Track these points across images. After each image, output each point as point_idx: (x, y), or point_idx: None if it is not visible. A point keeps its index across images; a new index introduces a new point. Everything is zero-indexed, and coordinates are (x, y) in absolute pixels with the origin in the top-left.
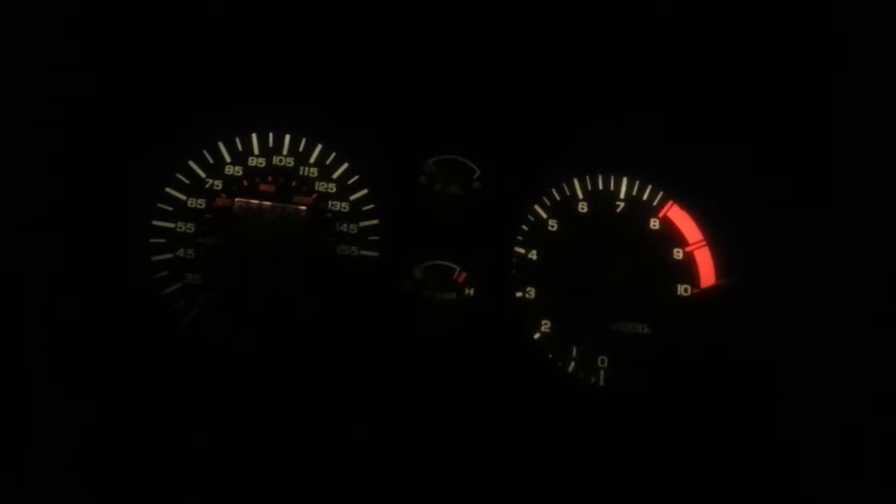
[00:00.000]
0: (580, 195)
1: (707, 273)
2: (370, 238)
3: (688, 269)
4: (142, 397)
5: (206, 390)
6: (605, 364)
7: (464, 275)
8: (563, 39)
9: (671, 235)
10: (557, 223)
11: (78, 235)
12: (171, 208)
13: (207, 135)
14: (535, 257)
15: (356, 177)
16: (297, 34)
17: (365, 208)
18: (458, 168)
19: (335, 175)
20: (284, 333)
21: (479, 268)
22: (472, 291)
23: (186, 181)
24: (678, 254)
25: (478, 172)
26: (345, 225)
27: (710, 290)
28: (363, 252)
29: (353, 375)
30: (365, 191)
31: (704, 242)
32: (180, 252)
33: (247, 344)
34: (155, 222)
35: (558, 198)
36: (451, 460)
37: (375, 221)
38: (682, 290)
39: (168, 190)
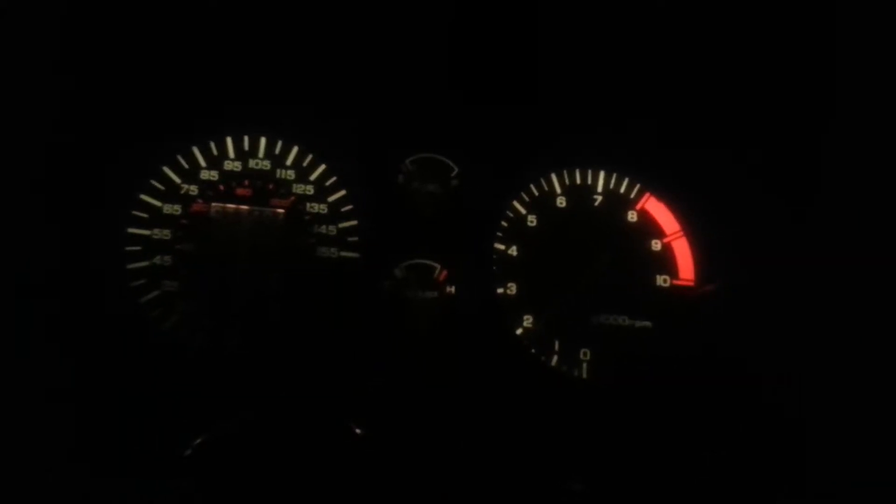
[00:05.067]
0: (558, 190)
1: (685, 263)
2: (350, 239)
3: (666, 260)
4: (124, 407)
5: (188, 397)
6: (588, 357)
7: (444, 273)
8: (536, 34)
9: (649, 227)
10: (536, 218)
11: (53, 244)
12: (146, 215)
13: (181, 139)
14: (515, 253)
15: (334, 178)
16: (269, 36)
17: (343, 209)
18: (435, 166)
19: (312, 177)
20: (266, 338)
21: (460, 265)
22: (453, 289)
23: (161, 187)
24: (656, 245)
25: (456, 170)
26: (324, 227)
27: (695, 290)
28: (343, 253)
29: (337, 377)
30: (343, 192)
31: (682, 233)
32: (157, 259)
33: (228, 349)
34: (130, 230)
35: (537, 193)
36: (438, 457)
37: (354, 222)
38: (662, 280)
39: (143, 197)
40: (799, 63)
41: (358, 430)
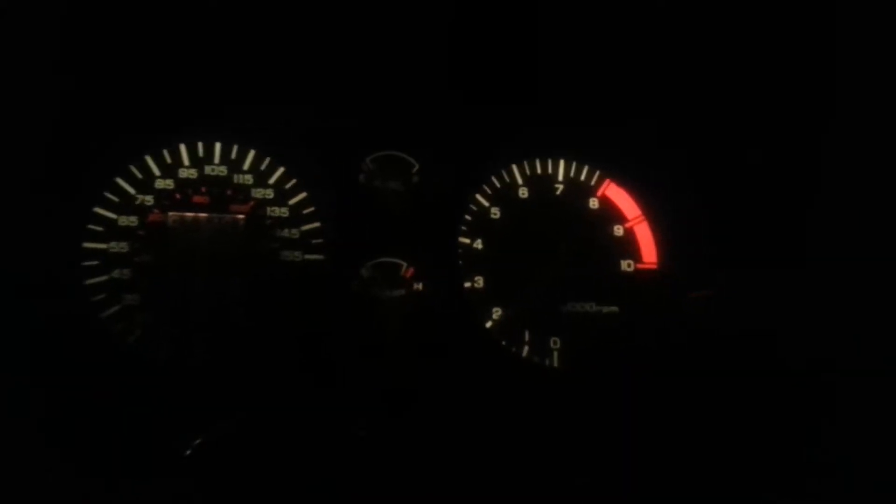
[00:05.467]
0: (520, 181)
1: (648, 247)
2: (314, 241)
3: (629, 245)
4: (91, 424)
5: (156, 411)
6: (559, 345)
7: (411, 270)
8: (487, 26)
9: (611, 213)
10: (500, 210)
11: (12, 261)
12: (101, 228)
13: (133, 149)
14: (480, 246)
15: (294, 180)
16: (219, 39)
17: (305, 212)
18: (396, 163)
19: (271, 180)
20: (233, 346)
21: (426, 262)
22: (420, 286)
23: (116, 199)
24: (619, 230)
25: (416, 166)
26: (286, 230)
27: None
28: (307, 256)
29: (309, 381)
30: (304, 194)
31: (643, 217)
32: (115, 273)
33: (194, 360)
34: (86, 244)
35: (498, 185)
36: (414, 454)
37: (317, 224)
38: (626, 265)
39: (97, 210)
40: (781, 55)
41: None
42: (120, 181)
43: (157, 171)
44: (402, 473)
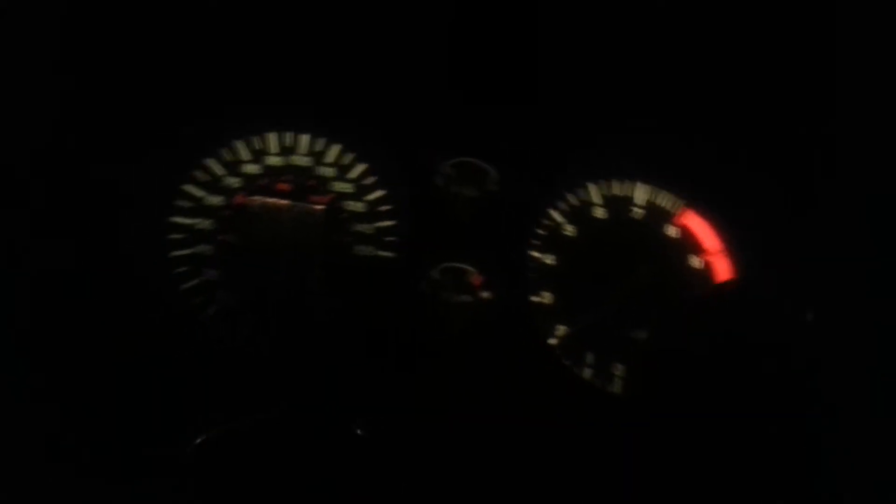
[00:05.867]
0: (597, 200)
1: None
2: (387, 239)
3: (705, 278)
4: (159, 391)
5: (223, 386)
6: (621, 372)
7: (480, 278)
8: (583, 43)
9: (689, 243)
10: (574, 228)
11: (97, 231)
12: (189, 205)
13: (225, 134)
14: (551, 262)
15: (373, 177)
16: (317, 34)
17: (382, 209)
18: (475, 170)
19: (352, 175)
20: (300, 332)
21: (496, 271)
22: (487, 294)
23: (205, 178)
24: (696, 261)
25: (494, 175)
26: (361, 225)
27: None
28: (379, 252)
29: (367, 375)
30: (382, 191)
31: (723, 251)
32: (199, 248)
33: (263, 341)
34: (173, 219)
35: (575, 203)
36: (463, 462)
37: (392, 222)
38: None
39: (186, 187)
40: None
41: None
42: (210, 162)
43: (246, 156)
44: (444, 482)
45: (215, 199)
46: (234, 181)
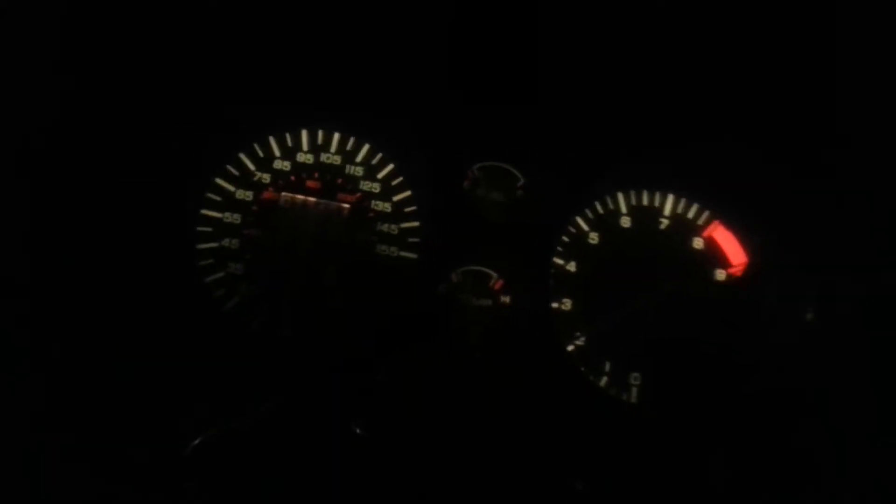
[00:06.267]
0: (623, 210)
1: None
2: (410, 240)
3: (729, 291)
4: (179, 380)
5: (242, 378)
6: (639, 381)
7: (501, 282)
8: (613, 52)
9: (714, 256)
10: (599, 236)
11: (128, 221)
12: (219, 198)
13: (259, 128)
14: (573, 269)
15: (400, 178)
16: (353, 36)
17: (407, 210)
18: (502, 175)
19: (380, 175)
20: (321, 328)
21: (517, 276)
22: (507, 299)
23: (236, 173)
24: (721, 275)
25: (522, 181)
26: (386, 225)
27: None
28: (402, 253)
29: (385, 374)
30: (408, 192)
31: (749, 265)
32: (225, 242)
33: (283, 336)
34: (203, 211)
35: (601, 211)
36: (478, 465)
37: (416, 223)
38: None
39: (218, 180)
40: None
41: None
42: (242, 156)
43: (277, 152)
44: (460, 482)
45: (245, 194)
46: (264, 176)
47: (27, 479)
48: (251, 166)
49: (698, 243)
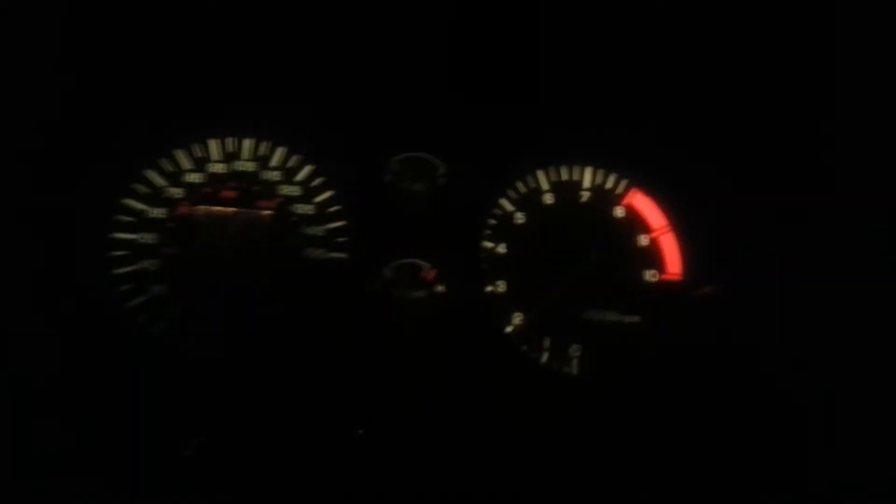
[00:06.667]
0: (545, 186)
1: (673, 258)
2: (338, 240)
3: (654, 255)
4: (112, 413)
5: (178, 402)
6: (578, 353)
7: (433, 272)
8: (520, 29)
9: (636, 222)
10: (524, 215)
11: (38, 250)
12: (131, 219)
13: (163, 143)
14: (503, 251)
15: (320, 179)
16: (252, 36)
17: (331, 210)
18: (422, 165)
19: (299, 178)
20: (255, 340)
21: (449, 264)
22: (442, 288)
23: (146, 191)
24: (644, 240)
25: (442, 169)
26: (311, 228)
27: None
28: (331, 254)
29: (326, 378)
30: (330, 192)
31: (669, 228)
32: (144, 263)
33: (217, 353)
34: (115, 234)
35: (524, 190)
36: (429, 457)
37: (342, 223)
38: (650, 275)
39: (126, 201)
40: (791, 57)
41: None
42: (150, 173)
43: (187, 165)
44: (410, 476)
45: (158, 212)
46: (176, 192)
47: None
48: (161, 182)
49: (619, 212)
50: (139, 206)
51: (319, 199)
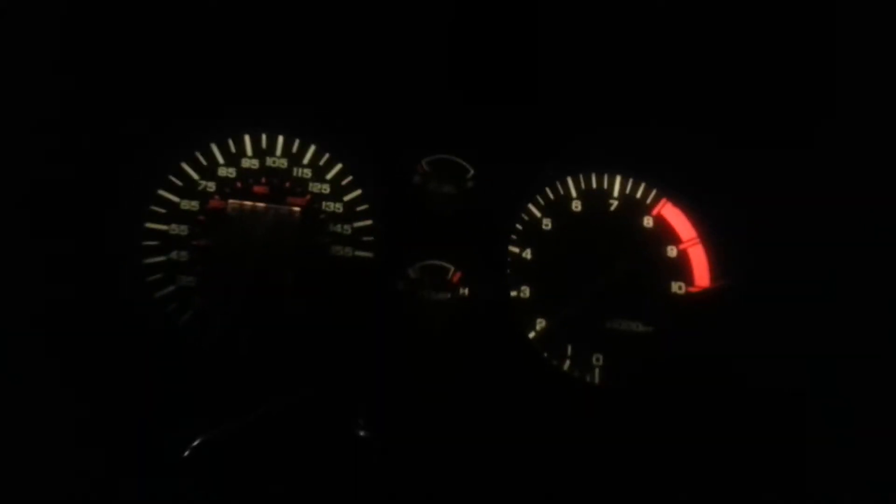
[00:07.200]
0: (574, 194)
1: (701, 270)
2: (364, 239)
3: (682, 267)
4: (137, 400)
5: (201, 392)
6: (600, 362)
7: (458, 274)
8: (556, 37)
9: (665, 233)
10: (551, 222)
11: (70, 238)
12: (163, 210)
13: (199, 136)
14: (529, 256)
15: (350, 177)
16: (289, 34)
17: (359, 209)
18: (452, 168)
19: (329, 176)
20: (278, 335)
21: (474, 267)
22: (466, 291)
23: (179, 183)
24: (672, 251)
25: (472, 172)
26: (339, 226)
27: (707, 291)
28: (357, 253)
29: (346, 377)
30: (359, 191)
31: (698, 240)
32: (173, 254)
33: (241, 346)
34: (148, 225)
35: (552, 197)
36: (446, 459)
37: (369, 222)
38: (677, 287)
39: (160, 192)
40: (815, 60)
41: (363, 432)
42: (184, 166)
43: (220, 159)
44: (432, 479)
45: (191, 204)
46: (209, 185)
47: None
48: (194, 175)
49: (648, 222)
50: (172, 197)
51: (348, 197)
